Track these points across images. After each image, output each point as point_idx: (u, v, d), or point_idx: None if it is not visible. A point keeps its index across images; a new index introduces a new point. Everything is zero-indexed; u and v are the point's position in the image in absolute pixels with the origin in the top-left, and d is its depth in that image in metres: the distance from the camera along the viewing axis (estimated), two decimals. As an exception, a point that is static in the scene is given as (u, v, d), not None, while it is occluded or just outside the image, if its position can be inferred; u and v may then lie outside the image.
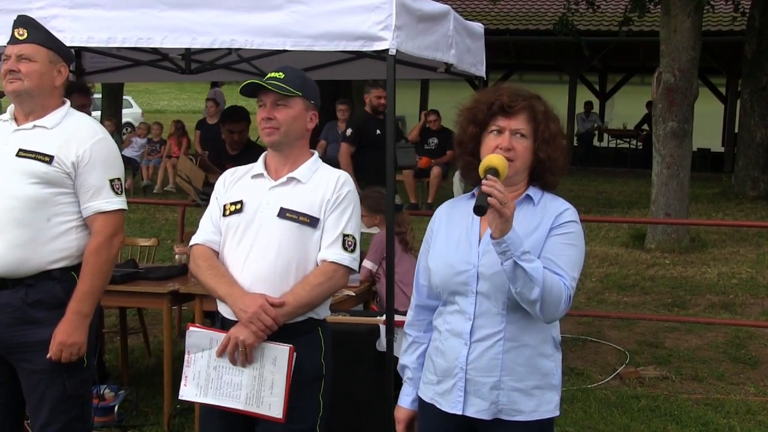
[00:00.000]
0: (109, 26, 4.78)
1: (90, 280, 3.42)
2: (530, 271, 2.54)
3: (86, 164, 3.42)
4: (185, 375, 3.20)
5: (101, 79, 7.95)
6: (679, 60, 10.66)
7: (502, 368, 2.69)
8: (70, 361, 3.38)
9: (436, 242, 2.86)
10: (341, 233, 3.21)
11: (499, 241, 2.53)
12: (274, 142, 3.25)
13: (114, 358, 6.60)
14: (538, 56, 22.77)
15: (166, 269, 5.64)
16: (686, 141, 10.88)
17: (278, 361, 3.10)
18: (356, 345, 4.73)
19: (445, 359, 2.77)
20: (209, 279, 3.21)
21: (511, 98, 2.74)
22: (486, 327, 2.70)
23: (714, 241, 11.38)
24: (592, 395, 5.95)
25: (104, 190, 3.46)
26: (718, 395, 6.04)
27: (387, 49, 4.52)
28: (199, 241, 3.30)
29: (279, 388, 3.09)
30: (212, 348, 3.16)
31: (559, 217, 2.72)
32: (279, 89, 3.20)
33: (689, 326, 7.60)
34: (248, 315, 3.08)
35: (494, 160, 2.62)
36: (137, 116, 27.74)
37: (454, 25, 5.38)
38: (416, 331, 2.96)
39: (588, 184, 16.72)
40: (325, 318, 3.33)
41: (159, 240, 7.25)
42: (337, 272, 3.20)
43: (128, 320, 6.64)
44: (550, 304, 2.60)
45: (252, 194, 3.26)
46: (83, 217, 3.47)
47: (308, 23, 4.60)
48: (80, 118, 3.58)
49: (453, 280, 2.74)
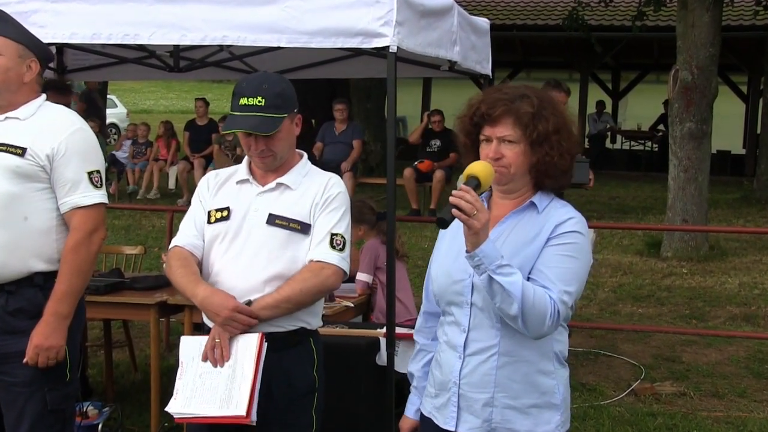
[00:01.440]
0: (93, 21, 4.80)
1: (68, 280, 3.41)
2: (506, 286, 2.53)
3: (62, 156, 3.41)
4: (177, 388, 3.21)
5: (84, 77, 7.97)
6: (697, 57, 10.67)
7: (496, 384, 2.69)
8: (47, 365, 3.38)
9: (440, 248, 2.88)
10: (329, 232, 3.22)
11: (471, 255, 2.53)
12: (270, 167, 3.28)
13: (98, 373, 6.61)
14: (547, 53, 22.76)
15: (153, 279, 5.65)
16: (705, 143, 10.89)
17: (248, 350, 3.10)
18: (355, 359, 4.74)
19: (441, 372, 2.80)
20: (179, 278, 3.23)
21: (489, 105, 2.73)
22: (480, 340, 2.71)
23: (734, 249, 11.39)
24: (605, 412, 5.95)
25: (82, 184, 3.45)
26: (740, 413, 6.04)
27: (387, 46, 4.54)
28: (179, 244, 3.30)
29: (246, 381, 3.07)
30: (200, 354, 3.17)
31: (560, 227, 2.70)
32: (268, 127, 3.17)
33: (708, 339, 7.60)
34: (221, 319, 3.10)
35: (476, 167, 2.61)
36: (122, 116, 27.79)
37: (459, 20, 5.39)
38: (424, 339, 2.99)
39: (600, 189, 16.71)
40: (317, 329, 3.34)
41: (145, 248, 7.27)
42: (324, 270, 3.19)
43: (113, 333, 6.64)
44: (532, 321, 2.57)
45: (239, 201, 3.27)
46: (61, 214, 3.46)
47: (304, 19, 4.62)
48: (55, 109, 3.56)
49: (449, 289, 2.76)
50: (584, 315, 8.26)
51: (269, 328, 3.16)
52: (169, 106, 38.70)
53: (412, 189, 13.12)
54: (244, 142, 3.26)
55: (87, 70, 7.13)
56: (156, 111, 35.92)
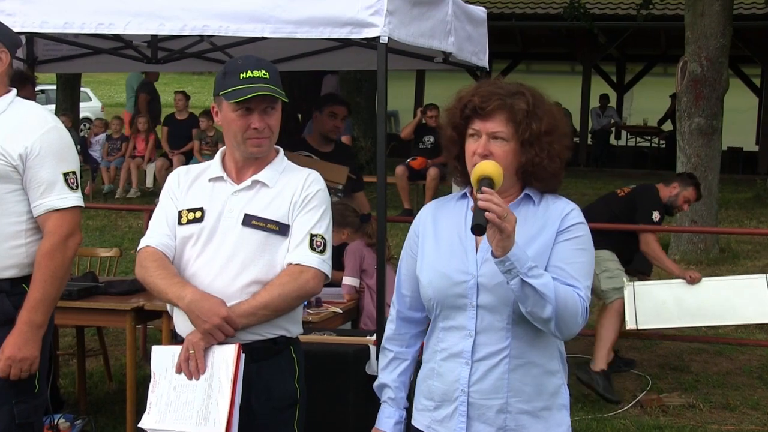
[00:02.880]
0: (65, 10, 4.79)
1: (42, 287, 3.41)
2: (540, 288, 2.56)
3: (36, 156, 3.40)
4: (149, 401, 3.20)
5: (56, 69, 7.95)
6: (707, 47, 10.69)
7: (509, 389, 2.71)
8: (20, 378, 3.37)
9: (424, 249, 2.86)
10: (308, 233, 3.19)
11: (502, 260, 2.54)
12: (263, 152, 3.23)
13: (70, 383, 6.60)
14: (548, 44, 22.80)
15: (129, 283, 5.64)
16: (715, 139, 10.92)
17: (226, 363, 3.07)
18: (343, 368, 4.73)
19: (442, 382, 2.79)
20: (159, 280, 3.16)
21: (483, 98, 2.74)
22: (489, 344, 2.72)
23: (746, 251, 11.42)
24: (609, 425, 5.97)
25: (57, 186, 3.44)
26: (753, 426, 6.05)
27: (378, 36, 4.54)
28: (151, 244, 3.25)
29: (224, 397, 3.05)
30: (174, 365, 3.15)
31: (566, 219, 2.74)
32: (277, 94, 3.16)
33: (719, 348, 7.62)
34: (209, 325, 3.06)
35: (488, 167, 2.62)
36: (97, 110, 27.72)
37: (453, 9, 5.40)
38: (397, 346, 2.98)
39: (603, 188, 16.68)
40: (297, 336, 3.32)
41: (121, 250, 7.25)
42: (303, 274, 3.16)
43: (86, 341, 6.64)
44: (566, 321, 2.63)
45: (213, 200, 3.24)
46: (34, 217, 3.45)
47: (289, 7, 4.62)
48: (28, 106, 3.56)
49: (449, 292, 2.75)
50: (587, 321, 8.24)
51: (246, 336, 3.13)
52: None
53: (404, 187, 13.11)
54: (239, 123, 3.16)
55: (59, 61, 7.13)
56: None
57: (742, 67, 21.66)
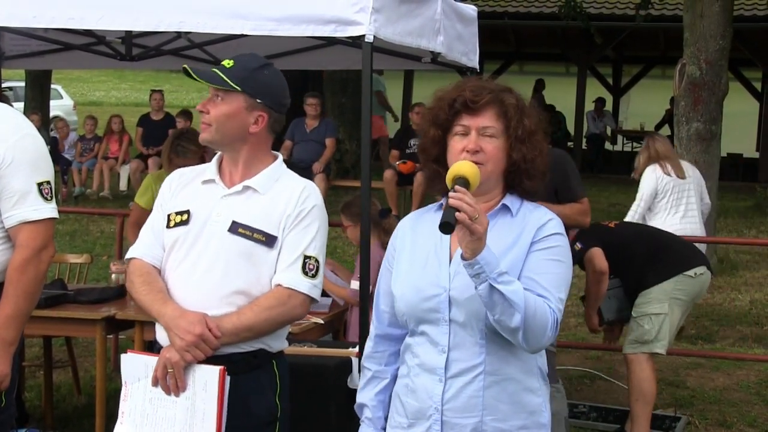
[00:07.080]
0: (33, 2, 4.77)
1: (14, 302, 3.39)
2: (509, 295, 2.56)
3: (9, 165, 3.38)
4: (121, 411, 3.19)
5: (25, 64, 7.93)
6: (706, 50, 10.73)
7: (484, 407, 2.71)
8: None
9: (399, 262, 2.87)
10: (302, 254, 3.19)
11: (471, 262, 2.54)
12: (205, 140, 3.27)
13: (36, 396, 6.57)
14: (542, 44, 22.86)
15: (99, 291, 5.63)
16: (714, 145, 10.95)
17: (208, 386, 3.08)
18: (324, 381, 4.73)
19: (416, 399, 2.79)
20: (142, 297, 3.20)
21: (474, 92, 2.76)
22: (463, 360, 2.72)
23: (746, 262, 11.46)
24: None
25: (31, 196, 3.42)
26: (749, 443, 6.08)
27: (363, 35, 4.54)
28: (136, 255, 3.29)
29: (210, 420, 3.06)
30: (148, 376, 3.15)
31: (542, 229, 2.75)
32: (209, 78, 3.20)
33: (716, 362, 7.64)
34: (185, 343, 3.06)
35: (463, 167, 2.63)
36: (68, 109, 27.61)
37: (443, 7, 5.40)
38: (376, 365, 2.98)
39: (598, 194, 16.78)
40: (281, 351, 3.31)
41: (92, 256, 7.23)
42: (292, 299, 3.17)
43: (54, 351, 6.61)
44: (534, 332, 2.61)
45: (201, 203, 3.24)
46: (5, 228, 3.43)
47: (271, 3, 4.62)
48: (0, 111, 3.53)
49: (421, 306, 2.76)
50: (579, 334, 8.28)
51: (225, 349, 3.13)
52: (121, 98, 38.52)
53: (392, 193, 13.09)
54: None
55: (28, 57, 7.08)
56: (107, 103, 35.72)
57: (743, 70, 21.76)
